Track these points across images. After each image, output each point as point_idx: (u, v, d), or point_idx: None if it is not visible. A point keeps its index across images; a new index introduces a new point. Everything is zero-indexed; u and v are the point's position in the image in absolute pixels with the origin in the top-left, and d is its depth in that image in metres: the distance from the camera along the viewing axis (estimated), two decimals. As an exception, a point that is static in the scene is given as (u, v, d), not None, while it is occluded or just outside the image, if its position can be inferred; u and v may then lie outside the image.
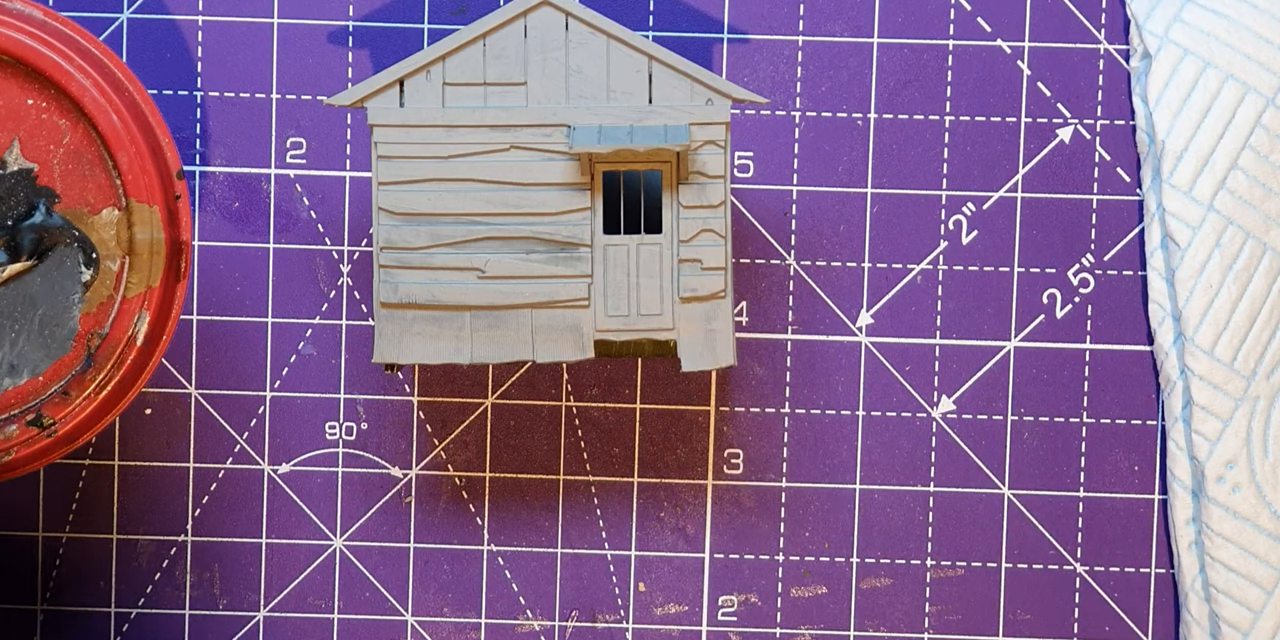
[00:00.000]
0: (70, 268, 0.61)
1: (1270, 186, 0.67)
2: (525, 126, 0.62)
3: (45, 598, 0.70)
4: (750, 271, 0.69)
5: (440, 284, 0.62)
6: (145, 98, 0.61)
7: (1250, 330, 0.67)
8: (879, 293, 0.69)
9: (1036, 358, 0.69)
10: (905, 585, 0.69)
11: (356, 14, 0.69)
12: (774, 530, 0.69)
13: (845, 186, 0.69)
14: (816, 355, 0.69)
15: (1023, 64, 0.69)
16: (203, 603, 0.69)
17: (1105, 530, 0.69)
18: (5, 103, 0.60)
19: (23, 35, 0.60)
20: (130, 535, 0.69)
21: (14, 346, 0.60)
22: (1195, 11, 0.67)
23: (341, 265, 0.69)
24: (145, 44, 0.69)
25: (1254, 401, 0.68)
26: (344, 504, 0.69)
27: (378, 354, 0.62)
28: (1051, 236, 0.69)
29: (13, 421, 0.60)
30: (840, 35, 0.69)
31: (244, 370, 0.69)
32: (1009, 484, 0.69)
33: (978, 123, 0.69)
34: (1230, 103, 0.67)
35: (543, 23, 0.62)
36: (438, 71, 0.62)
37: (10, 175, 0.60)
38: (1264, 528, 0.67)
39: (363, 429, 0.69)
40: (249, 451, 0.69)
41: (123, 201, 0.60)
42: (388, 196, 0.62)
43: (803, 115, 0.69)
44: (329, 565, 0.69)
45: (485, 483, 0.69)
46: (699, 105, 0.62)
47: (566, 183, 0.62)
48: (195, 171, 0.69)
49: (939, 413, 0.69)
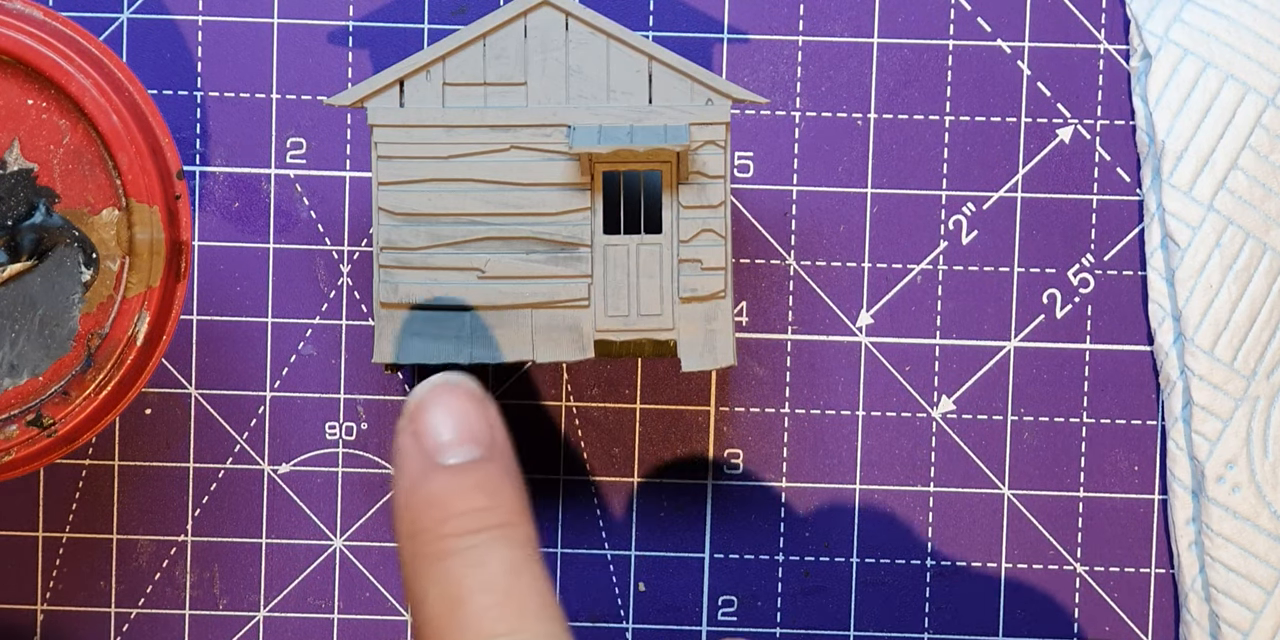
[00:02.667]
0: (70, 268, 0.61)
1: (1270, 186, 0.67)
2: (525, 126, 0.62)
3: (45, 598, 0.70)
4: (750, 271, 0.69)
5: (440, 284, 0.62)
6: (145, 98, 0.61)
7: (1250, 330, 0.67)
8: (879, 293, 0.69)
9: (1036, 358, 0.69)
10: (905, 585, 0.69)
11: (356, 14, 0.69)
12: (774, 530, 0.69)
13: (845, 186, 0.69)
14: (816, 355, 0.69)
15: (1023, 64, 0.69)
16: (203, 603, 0.69)
17: (1105, 530, 0.69)
18: (5, 103, 0.60)
19: (23, 35, 0.60)
20: (130, 535, 0.69)
21: (14, 346, 0.61)
22: (1195, 11, 0.67)
23: (341, 265, 0.69)
24: (145, 44, 0.69)
25: (1254, 401, 0.68)
26: (344, 504, 0.69)
27: (378, 354, 0.62)
28: (1051, 236, 0.69)
29: (13, 421, 0.60)
30: (840, 35, 0.69)
31: (244, 370, 0.69)
32: (1009, 484, 0.69)
33: (978, 123, 0.69)
34: (1230, 103, 0.67)
35: (543, 23, 0.62)
36: (438, 71, 0.62)
37: (10, 175, 0.60)
38: (1264, 528, 0.67)
39: (363, 429, 0.69)
40: (249, 451, 0.69)
41: (123, 201, 0.60)
42: (388, 196, 0.62)
43: (803, 115, 0.69)
44: (329, 565, 0.69)
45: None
46: (699, 105, 0.62)
47: (566, 183, 0.62)
48: (195, 171, 0.69)
49: (939, 413, 0.69)
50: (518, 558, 0.51)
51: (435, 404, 0.53)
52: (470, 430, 0.53)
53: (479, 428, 0.53)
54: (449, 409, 0.53)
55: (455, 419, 0.53)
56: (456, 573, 0.51)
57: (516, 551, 0.52)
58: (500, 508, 0.52)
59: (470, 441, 0.53)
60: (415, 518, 0.52)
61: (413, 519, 0.52)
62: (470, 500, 0.52)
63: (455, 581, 0.51)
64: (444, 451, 0.53)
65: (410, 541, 0.52)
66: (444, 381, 0.53)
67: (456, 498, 0.52)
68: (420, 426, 0.53)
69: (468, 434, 0.53)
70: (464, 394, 0.53)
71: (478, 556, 0.51)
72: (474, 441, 0.53)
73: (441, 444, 0.53)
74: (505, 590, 0.51)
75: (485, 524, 0.52)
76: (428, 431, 0.53)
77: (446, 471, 0.52)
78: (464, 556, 0.51)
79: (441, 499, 0.52)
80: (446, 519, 0.52)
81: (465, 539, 0.51)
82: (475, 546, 0.51)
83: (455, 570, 0.51)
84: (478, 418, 0.53)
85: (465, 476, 0.52)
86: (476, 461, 0.53)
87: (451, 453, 0.53)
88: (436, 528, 0.52)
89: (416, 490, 0.52)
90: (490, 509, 0.52)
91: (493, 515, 0.52)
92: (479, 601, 0.51)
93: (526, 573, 0.51)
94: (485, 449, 0.53)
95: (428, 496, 0.52)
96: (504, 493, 0.52)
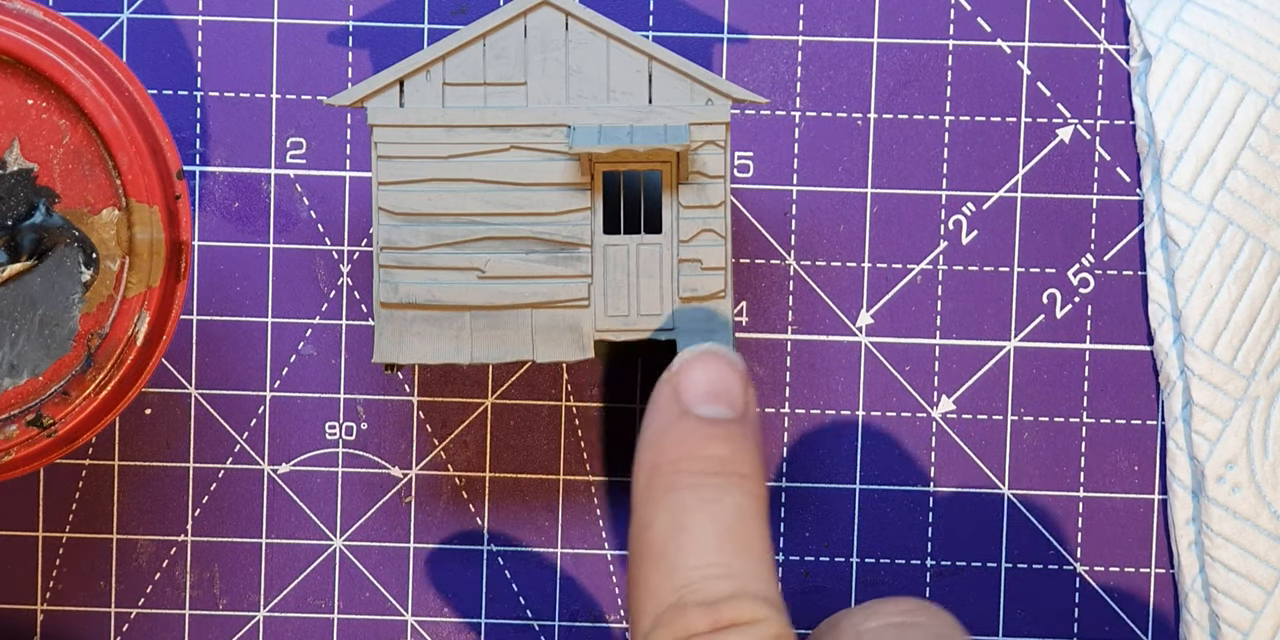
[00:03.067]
0: (70, 268, 0.61)
1: (1270, 186, 0.67)
2: (525, 126, 0.62)
3: (45, 598, 0.70)
4: (750, 271, 0.69)
5: (440, 284, 0.62)
6: (145, 98, 0.61)
7: (1250, 330, 0.67)
8: (879, 293, 0.69)
9: (1036, 358, 0.69)
10: (905, 585, 0.69)
11: (356, 14, 0.69)
12: (774, 530, 0.69)
13: (845, 186, 0.69)
14: (816, 355, 0.69)
15: (1023, 64, 0.69)
16: (203, 603, 0.69)
17: (1105, 530, 0.69)
18: (5, 103, 0.60)
19: (23, 35, 0.60)
20: (130, 535, 0.69)
21: (14, 346, 0.60)
22: (1195, 11, 0.67)
23: (341, 265, 0.69)
24: (145, 44, 0.69)
25: (1254, 401, 0.68)
26: (344, 504, 0.69)
27: (378, 354, 0.62)
28: (1051, 236, 0.69)
29: (13, 421, 0.60)
30: (840, 35, 0.69)
31: (244, 370, 0.69)
32: (1009, 484, 0.69)
33: (978, 123, 0.69)
34: (1230, 103, 0.67)
35: (543, 23, 0.62)
36: (438, 71, 0.62)
37: (10, 175, 0.60)
38: (1264, 528, 0.67)
39: (363, 429, 0.69)
40: (249, 451, 0.69)
41: (123, 201, 0.60)
42: (388, 196, 0.62)
43: (803, 115, 0.69)
44: (329, 565, 0.69)
45: (485, 483, 0.69)
46: (699, 105, 0.62)
47: (566, 183, 0.62)
48: (195, 171, 0.69)
49: (939, 413, 0.69)
50: (747, 505, 0.54)
51: (701, 364, 0.56)
52: (728, 393, 0.56)
53: (735, 393, 0.56)
54: (712, 370, 0.56)
55: (716, 380, 0.56)
56: (689, 502, 0.53)
57: (747, 500, 0.54)
58: (740, 461, 0.54)
59: (724, 402, 0.56)
60: (659, 453, 0.54)
61: (657, 454, 0.54)
62: (714, 447, 0.54)
63: (685, 510, 0.53)
64: (700, 404, 0.55)
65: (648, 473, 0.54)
66: (713, 348, 0.57)
67: (702, 442, 0.54)
68: (681, 381, 0.56)
69: (725, 395, 0.56)
70: (728, 363, 0.56)
71: (710, 493, 0.54)
72: (728, 403, 0.56)
73: (698, 397, 0.56)
74: (730, 526, 0.53)
75: (724, 469, 0.54)
76: (688, 386, 0.56)
77: (698, 420, 0.55)
78: (698, 492, 0.54)
79: (688, 440, 0.55)
80: (688, 457, 0.54)
81: (703, 478, 0.54)
82: (710, 485, 0.54)
83: (688, 500, 0.53)
84: (737, 384, 0.56)
85: (714, 427, 0.55)
86: (727, 419, 0.55)
87: (707, 407, 0.55)
88: (676, 462, 0.54)
89: (667, 431, 0.55)
90: (730, 459, 0.54)
91: (732, 465, 0.54)
92: (704, 530, 0.53)
93: (753, 518, 0.54)
94: (738, 413, 0.55)
95: (677, 436, 0.55)
96: (747, 451, 0.55)
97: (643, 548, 0.53)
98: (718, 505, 0.53)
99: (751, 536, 0.53)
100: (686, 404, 0.55)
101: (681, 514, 0.53)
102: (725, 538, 0.53)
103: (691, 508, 0.53)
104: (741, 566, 0.53)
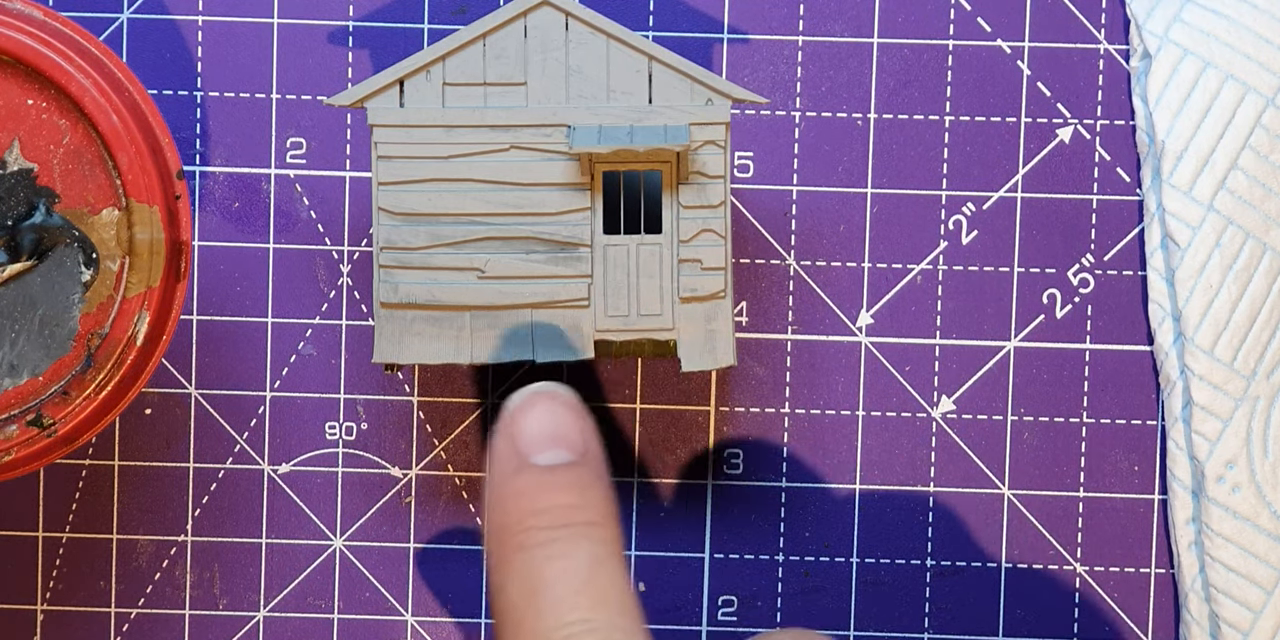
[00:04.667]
0: (70, 268, 0.61)
1: (1270, 186, 0.67)
2: (525, 126, 0.62)
3: (45, 598, 0.70)
4: (750, 271, 0.69)
5: (440, 284, 0.62)
6: (145, 98, 0.61)
7: (1250, 330, 0.67)
8: (879, 293, 0.69)
9: (1036, 358, 0.69)
10: (905, 585, 0.69)
11: (356, 14, 0.69)
12: (774, 530, 0.69)
13: (845, 186, 0.69)
14: (816, 355, 0.69)
15: (1023, 64, 0.69)
16: (203, 603, 0.69)
17: (1105, 530, 0.69)
18: (5, 103, 0.60)
19: (23, 35, 0.60)
20: (130, 535, 0.69)
21: (14, 346, 0.61)
22: (1195, 11, 0.67)
23: (341, 265, 0.69)
24: (145, 44, 0.69)
25: (1254, 401, 0.68)
26: (344, 504, 0.69)
27: (378, 354, 0.62)
28: (1051, 236, 0.69)
29: (13, 421, 0.60)
30: (840, 35, 0.69)
31: (244, 370, 0.69)
32: (1009, 484, 0.69)
33: (978, 123, 0.69)
34: (1230, 103, 0.67)
35: (543, 23, 0.62)
36: (438, 71, 0.62)
37: (10, 175, 0.60)
38: (1264, 528, 0.67)
39: (363, 429, 0.69)
40: (249, 451, 0.69)
41: (123, 201, 0.61)
42: (388, 196, 0.62)
43: (803, 115, 0.69)
44: (329, 565, 0.69)
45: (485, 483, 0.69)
46: (699, 105, 0.62)
47: (566, 183, 0.62)
48: (195, 171, 0.69)
49: (939, 413, 0.69)
50: (600, 553, 0.52)
51: (532, 409, 0.54)
52: (564, 435, 0.54)
53: (573, 434, 0.54)
54: (545, 414, 0.54)
55: (550, 424, 0.54)
56: (538, 562, 0.52)
57: (599, 548, 0.52)
58: (588, 507, 0.53)
59: (563, 445, 0.54)
60: (503, 511, 0.53)
61: (502, 515, 0.53)
62: (558, 497, 0.53)
63: (536, 570, 0.52)
64: (536, 452, 0.54)
65: (496, 534, 0.53)
66: (542, 389, 0.55)
67: (545, 493, 0.53)
68: (516, 429, 0.54)
69: (562, 438, 0.54)
70: (560, 402, 0.55)
71: (560, 549, 0.52)
72: (567, 446, 0.54)
73: (535, 445, 0.54)
74: (585, 581, 0.52)
75: (571, 520, 0.53)
76: (522, 434, 0.54)
77: (537, 470, 0.53)
78: (547, 548, 0.52)
79: (530, 493, 0.53)
80: (533, 512, 0.53)
81: (550, 532, 0.52)
82: (559, 539, 0.52)
83: (537, 560, 0.52)
84: (572, 424, 0.54)
85: (555, 475, 0.53)
86: (569, 464, 0.54)
87: (544, 454, 0.54)
88: (522, 520, 0.53)
89: (506, 485, 0.53)
90: (577, 507, 0.53)
91: (579, 513, 0.53)
92: (557, 590, 0.52)
93: (608, 567, 0.52)
94: (578, 454, 0.54)
95: (517, 491, 0.53)
96: (593, 495, 0.53)
97: (501, 614, 0.52)
98: (570, 560, 0.52)
99: (607, 586, 0.52)
100: (523, 454, 0.54)
101: (533, 576, 0.52)
102: (581, 593, 0.52)
103: (543, 567, 0.52)
104: (602, 618, 0.51)
